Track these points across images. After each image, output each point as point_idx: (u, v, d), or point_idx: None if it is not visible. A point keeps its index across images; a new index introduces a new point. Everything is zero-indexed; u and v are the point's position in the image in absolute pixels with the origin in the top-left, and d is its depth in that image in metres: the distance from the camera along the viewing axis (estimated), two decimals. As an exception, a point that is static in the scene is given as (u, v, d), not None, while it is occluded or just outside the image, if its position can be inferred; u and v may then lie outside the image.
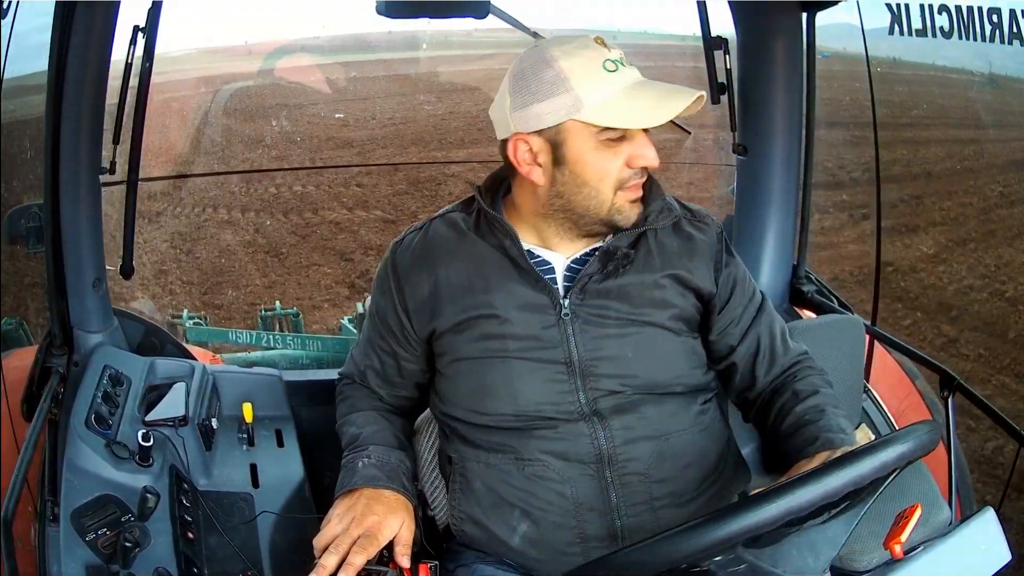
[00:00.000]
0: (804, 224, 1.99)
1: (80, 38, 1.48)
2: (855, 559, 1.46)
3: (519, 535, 1.24)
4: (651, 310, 1.24)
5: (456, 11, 1.77)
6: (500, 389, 1.23)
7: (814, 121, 1.92)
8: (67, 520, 1.29)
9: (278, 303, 5.72)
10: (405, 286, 1.29)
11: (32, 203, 1.67)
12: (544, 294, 1.24)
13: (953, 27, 1.58)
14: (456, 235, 1.29)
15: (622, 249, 1.24)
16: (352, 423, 1.35)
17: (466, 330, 1.25)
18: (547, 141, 1.19)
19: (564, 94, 1.15)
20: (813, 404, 1.26)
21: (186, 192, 8.48)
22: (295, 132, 11.67)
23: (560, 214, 1.24)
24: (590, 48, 1.18)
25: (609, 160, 1.19)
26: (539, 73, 1.17)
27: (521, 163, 1.21)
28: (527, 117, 1.18)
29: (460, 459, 1.29)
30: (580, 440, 1.22)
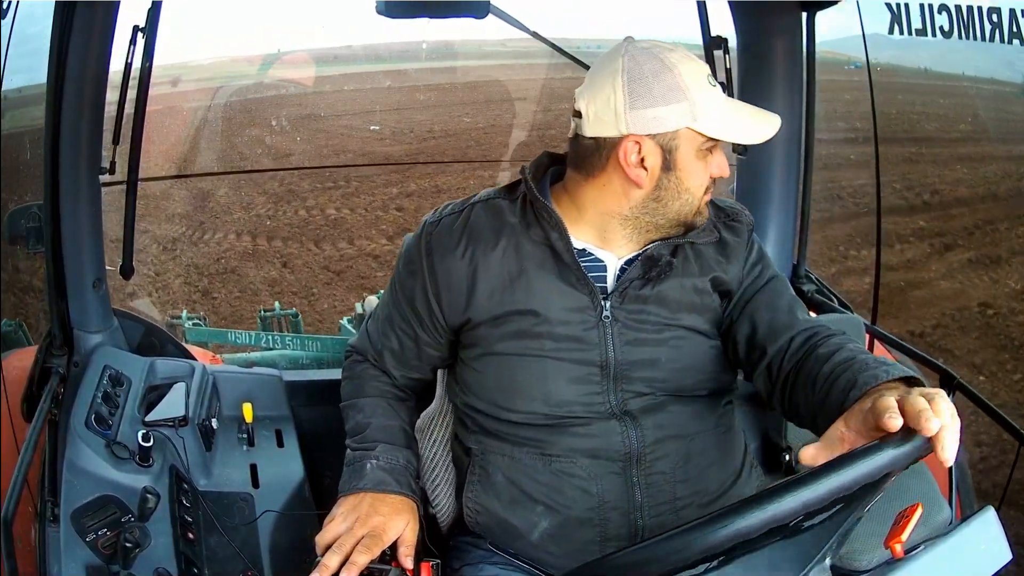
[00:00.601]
0: (804, 224, 2.00)
1: (80, 38, 1.47)
2: (855, 559, 1.46)
3: (539, 530, 1.23)
4: (687, 315, 1.25)
5: (456, 11, 1.76)
6: (532, 388, 1.22)
7: (814, 121, 1.92)
8: (67, 520, 1.28)
9: (277, 304, 5.72)
10: (439, 270, 1.25)
11: (32, 203, 1.67)
12: (586, 294, 1.22)
13: (953, 27, 1.58)
14: (499, 223, 1.25)
15: (665, 257, 1.24)
16: (359, 409, 1.32)
17: (502, 325, 1.23)
18: (659, 145, 1.18)
19: (684, 101, 1.16)
20: (840, 359, 1.16)
21: (207, 215, 8.17)
22: (326, 146, 11.44)
23: (647, 217, 1.23)
24: (692, 59, 1.19)
25: (703, 169, 1.21)
26: (660, 77, 1.16)
27: (629, 164, 1.18)
28: (645, 119, 1.16)
29: (481, 451, 1.28)
30: (612, 438, 1.22)
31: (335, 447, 1.35)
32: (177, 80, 20.12)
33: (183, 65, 16.48)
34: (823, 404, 1.14)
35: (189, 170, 9.88)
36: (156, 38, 1.66)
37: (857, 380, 1.09)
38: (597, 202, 1.23)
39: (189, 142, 10.28)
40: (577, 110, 1.21)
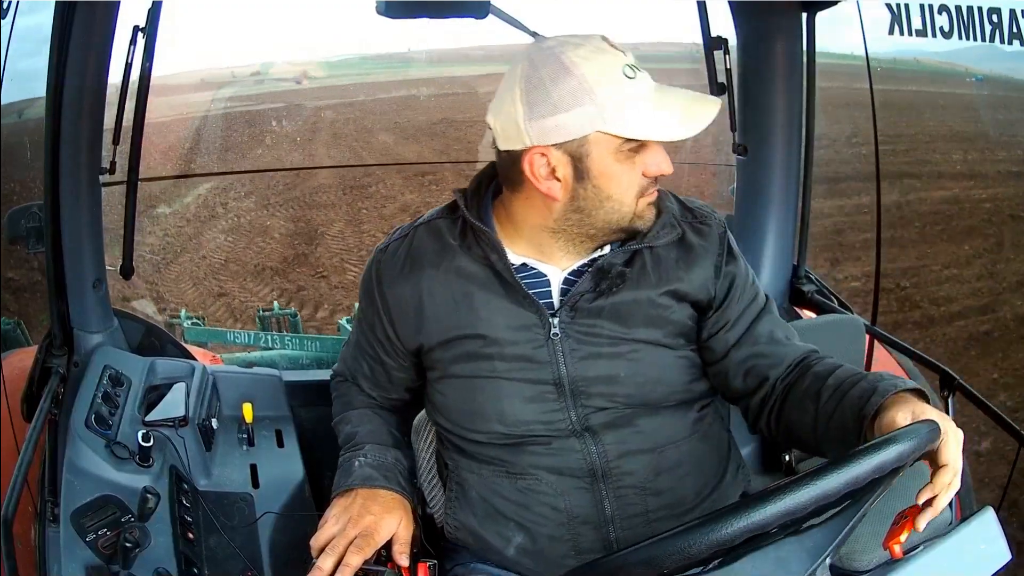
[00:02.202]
0: (804, 224, 2.00)
1: (80, 38, 1.47)
2: (855, 559, 1.46)
3: (514, 546, 1.22)
4: (645, 328, 1.19)
5: (456, 11, 1.76)
6: (488, 409, 1.20)
7: (814, 121, 1.92)
8: (67, 520, 1.28)
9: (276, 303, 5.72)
10: (389, 297, 1.24)
11: (32, 203, 1.67)
12: (532, 312, 1.18)
13: (953, 27, 1.58)
14: (440, 246, 1.22)
15: (616, 267, 1.17)
16: (348, 421, 1.32)
17: (452, 348, 1.21)
18: (568, 154, 1.10)
19: (588, 104, 1.07)
20: (843, 375, 1.15)
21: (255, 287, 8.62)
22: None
23: (574, 228, 1.16)
24: (606, 52, 1.09)
25: (629, 171, 1.12)
26: (559, 81, 1.07)
27: (538, 178, 1.11)
28: (546, 129, 1.08)
29: (455, 467, 1.27)
30: (572, 455, 1.19)
31: (335, 447, 1.35)
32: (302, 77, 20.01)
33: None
34: (831, 416, 1.13)
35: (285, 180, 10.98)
36: (156, 38, 1.66)
37: (877, 387, 1.08)
38: (526, 216, 1.18)
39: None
40: (488, 124, 1.15)
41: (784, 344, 1.25)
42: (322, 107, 17.18)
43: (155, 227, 10.25)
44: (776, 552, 0.89)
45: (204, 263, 9.17)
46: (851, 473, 0.87)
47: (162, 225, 10.50)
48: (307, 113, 17.42)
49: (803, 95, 1.89)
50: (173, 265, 9.12)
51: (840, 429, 1.12)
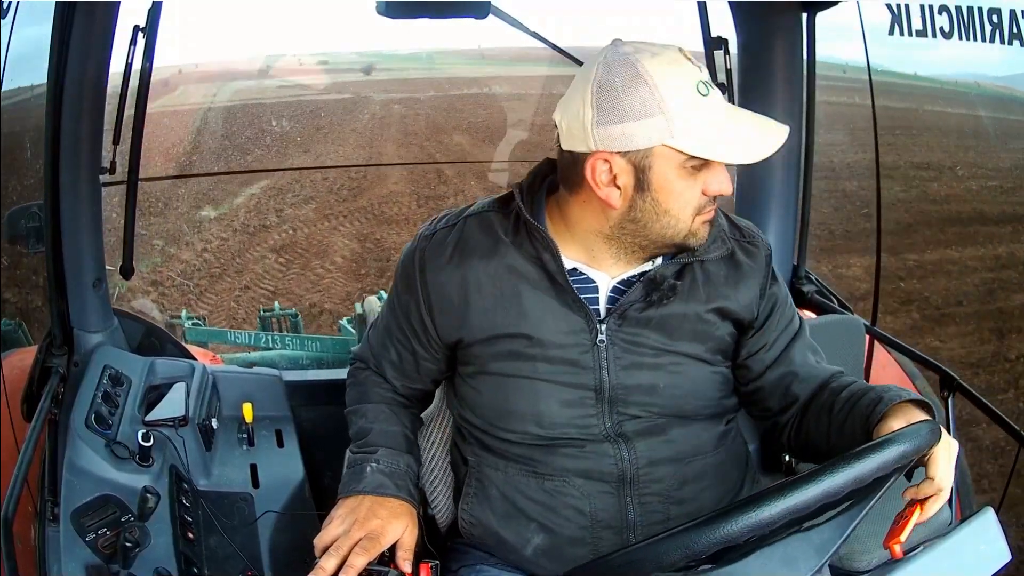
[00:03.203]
0: (804, 224, 2.00)
1: (80, 38, 1.47)
2: (855, 559, 1.47)
3: (532, 546, 1.22)
4: (689, 343, 1.19)
5: (456, 11, 1.77)
6: (525, 410, 1.19)
7: (814, 121, 1.92)
8: (67, 520, 1.28)
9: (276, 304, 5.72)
10: (432, 287, 1.21)
11: (32, 203, 1.67)
12: (581, 317, 1.17)
13: (953, 27, 1.58)
14: (491, 240, 1.19)
15: (668, 279, 1.17)
16: (362, 415, 1.30)
17: (495, 346, 1.19)
18: (631, 163, 1.08)
19: (658, 116, 1.05)
20: (856, 388, 1.18)
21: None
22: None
23: (628, 238, 1.15)
24: (681, 64, 1.08)
25: (689, 188, 1.10)
26: (631, 89, 1.06)
27: (599, 183, 1.10)
28: (613, 136, 1.07)
29: (478, 463, 1.26)
30: (604, 459, 1.19)
31: (335, 447, 1.35)
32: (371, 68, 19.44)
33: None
34: (843, 426, 1.16)
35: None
36: (156, 38, 1.66)
37: (883, 397, 1.11)
38: (581, 219, 1.17)
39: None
40: (555, 121, 1.14)
41: (815, 366, 1.27)
42: (391, 101, 16.72)
43: (195, 236, 8.98)
44: (784, 550, 0.89)
45: (246, 296, 7.50)
46: (855, 471, 0.88)
47: (204, 234, 9.12)
48: (375, 107, 16.90)
49: (803, 95, 1.89)
50: (208, 295, 7.47)
51: (851, 438, 1.13)
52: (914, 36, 1.61)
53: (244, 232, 9.22)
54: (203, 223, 9.43)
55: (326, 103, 17.40)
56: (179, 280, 7.54)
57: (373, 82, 19.91)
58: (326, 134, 14.91)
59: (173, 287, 7.34)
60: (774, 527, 0.85)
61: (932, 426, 0.98)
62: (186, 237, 8.89)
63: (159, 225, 9.21)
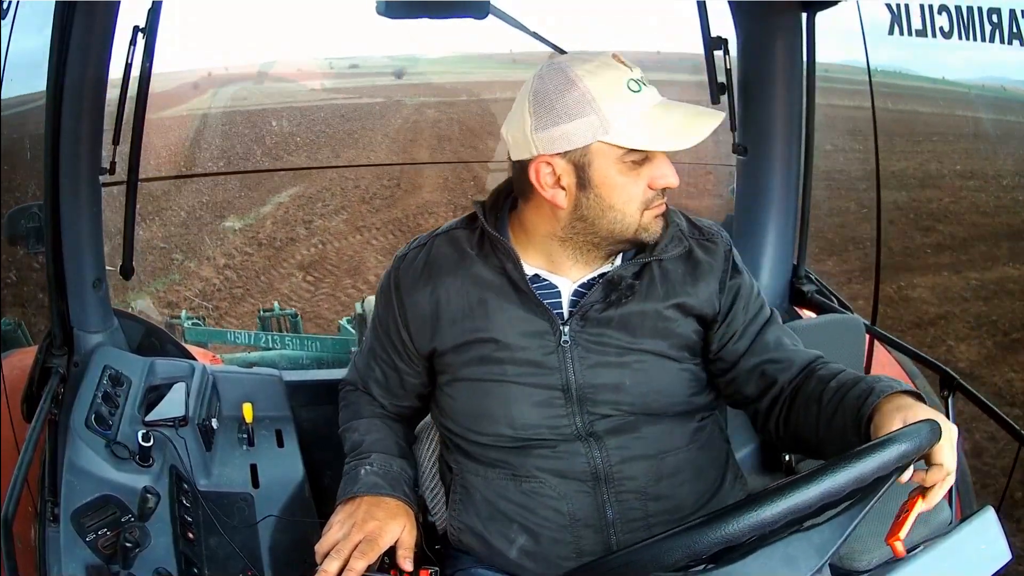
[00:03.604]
0: (804, 224, 2.00)
1: (80, 38, 1.47)
2: (855, 559, 1.47)
3: (517, 548, 1.24)
4: (651, 340, 1.22)
5: (456, 11, 1.77)
6: (497, 412, 1.23)
7: (814, 121, 1.92)
8: (67, 520, 1.29)
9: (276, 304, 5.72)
10: (407, 302, 1.28)
11: (32, 203, 1.67)
12: (544, 320, 1.21)
13: (953, 27, 1.58)
14: (458, 254, 1.26)
15: (626, 279, 1.21)
16: (355, 429, 1.35)
17: (465, 352, 1.24)
18: (571, 163, 1.14)
19: (591, 115, 1.11)
20: (845, 378, 1.19)
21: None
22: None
23: (580, 237, 1.20)
24: (612, 67, 1.14)
25: (632, 183, 1.15)
26: (564, 93, 1.12)
27: (544, 186, 1.16)
28: (551, 138, 1.13)
29: (460, 470, 1.29)
30: (576, 459, 1.21)
31: (335, 447, 1.35)
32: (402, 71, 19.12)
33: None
34: (832, 417, 1.16)
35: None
36: (156, 38, 1.66)
37: (874, 388, 1.12)
38: (537, 225, 1.22)
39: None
40: (503, 136, 1.21)
41: (792, 349, 1.28)
42: (423, 105, 16.56)
43: (217, 249, 8.51)
44: (785, 549, 0.89)
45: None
46: (856, 471, 0.88)
47: (227, 247, 8.60)
48: (407, 111, 16.78)
49: (803, 95, 1.90)
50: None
51: (840, 431, 1.15)
52: (914, 36, 1.61)
53: (270, 246, 8.92)
54: (226, 235, 9.13)
55: (357, 107, 17.30)
56: (197, 302, 7.16)
57: (405, 86, 19.76)
58: (357, 139, 14.80)
59: (191, 309, 6.66)
60: (775, 527, 0.85)
61: (932, 425, 0.98)
62: (207, 251, 8.58)
63: (180, 237, 8.97)
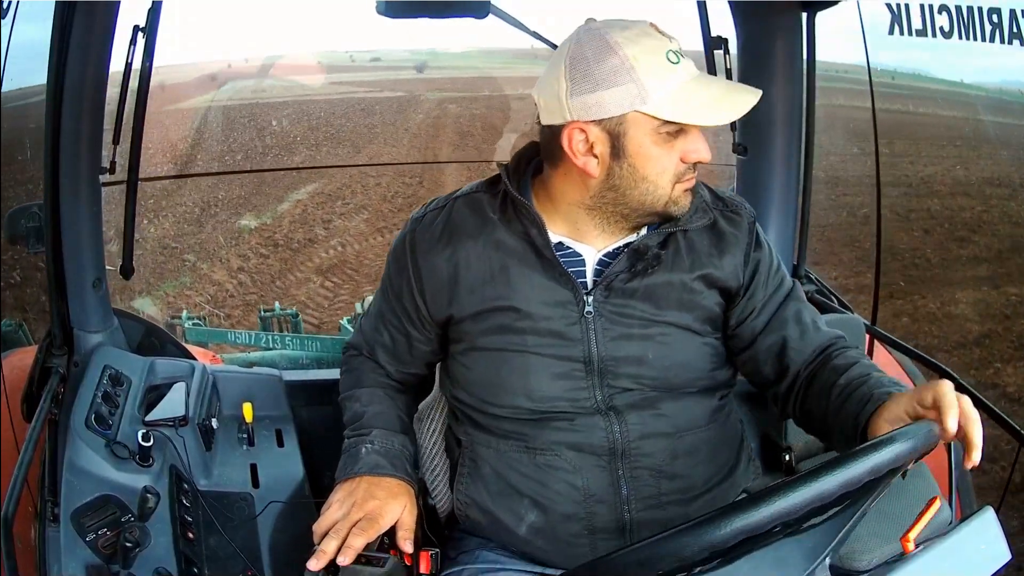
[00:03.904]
0: (804, 224, 1.99)
1: (80, 38, 1.47)
2: (855, 559, 1.46)
3: (526, 524, 1.22)
4: (676, 312, 1.21)
5: (456, 11, 1.77)
6: (515, 383, 1.21)
7: (814, 121, 1.92)
8: (67, 520, 1.28)
9: (277, 304, 5.72)
10: (423, 267, 1.24)
11: (32, 203, 1.67)
12: (567, 289, 1.19)
13: (953, 27, 1.58)
14: (479, 219, 1.23)
15: (652, 249, 1.19)
16: (356, 399, 1.32)
17: (484, 320, 1.21)
18: (606, 131, 1.12)
19: (629, 84, 1.09)
20: (856, 373, 1.17)
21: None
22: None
23: (609, 207, 1.18)
24: (652, 36, 1.12)
25: (666, 155, 1.14)
26: (602, 59, 1.10)
27: (576, 153, 1.14)
28: (587, 105, 1.11)
29: (470, 442, 1.27)
30: (595, 432, 1.20)
31: (335, 447, 1.35)
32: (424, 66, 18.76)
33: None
34: (837, 414, 1.16)
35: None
36: (156, 38, 1.66)
37: (873, 395, 1.11)
38: (564, 193, 1.20)
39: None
40: (534, 99, 1.18)
41: (810, 330, 1.26)
42: (445, 100, 16.24)
43: (231, 251, 8.14)
44: (775, 552, 0.88)
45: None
46: (846, 475, 0.87)
47: (242, 248, 8.28)
48: (429, 106, 16.55)
49: (803, 95, 1.89)
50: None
51: (843, 431, 1.15)
52: (914, 36, 1.61)
53: (287, 248, 8.62)
54: (242, 235, 8.79)
55: (378, 101, 17.13)
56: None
57: (426, 80, 19.56)
58: (378, 133, 14.60)
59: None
60: (764, 530, 0.84)
61: (928, 427, 0.96)
62: (222, 251, 8.27)
63: (193, 235, 8.68)
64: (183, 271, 7.80)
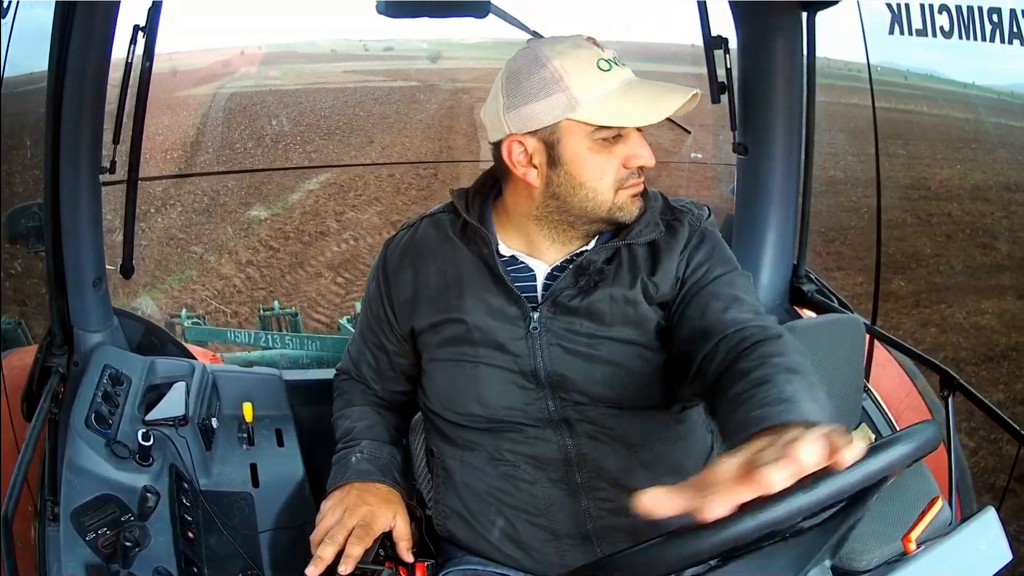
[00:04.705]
0: (804, 224, 1.99)
1: (80, 38, 1.47)
2: (855, 559, 1.46)
3: (497, 529, 1.25)
4: (622, 328, 1.20)
5: (456, 11, 1.77)
6: (469, 392, 1.23)
7: (814, 121, 1.92)
8: (67, 520, 1.29)
9: (276, 303, 5.72)
10: (392, 283, 1.30)
11: (32, 203, 1.67)
12: (515, 305, 1.21)
13: (953, 27, 1.58)
14: (440, 237, 1.28)
15: (596, 264, 1.20)
16: (347, 417, 1.37)
17: (439, 332, 1.25)
18: (541, 141, 1.16)
19: (559, 93, 1.13)
20: (755, 379, 0.99)
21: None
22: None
23: (555, 215, 1.20)
24: (583, 47, 1.15)
25: (604, 161, 1.16)
26: (533, 73, 1.14)
27: (516, 164, 1.18)
28: (521, 117, 1.15)
29: (441, 454, 1.31)
30: (548, 445, 1.21)
31: (335, 446, 1.35)
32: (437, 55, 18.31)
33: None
34: (730, 435, 0.96)
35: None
36: (156, 38, 1.65)
37: (747, 421, 0.92)
38: (514, 205, 1.24)
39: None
40: (482, 119, 1.23)
41: (712, 318, 1.15)
42: (458, 90, 16.21)
43: (240, 242, 7.88)
44: (759, 562, 0.87)
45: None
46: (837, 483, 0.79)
47: (251, 240, 8.07)
48: (443, 96, 16.57)
49: (803, 95, 1.89)
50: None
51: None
52: (914, 35, 1.61)
53: (298, 240, 8.41)
54: (252, 225, 8.57)
55: (392, 90, 17.08)
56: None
57: (440, 70, 19.52)
58: (391, 123, 14.55)
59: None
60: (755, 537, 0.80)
61: (932, 425, 0.93)
62: (231, 243, 8.06)
63: (201, 226, 8.50)
64: (190, 264, 7.60)
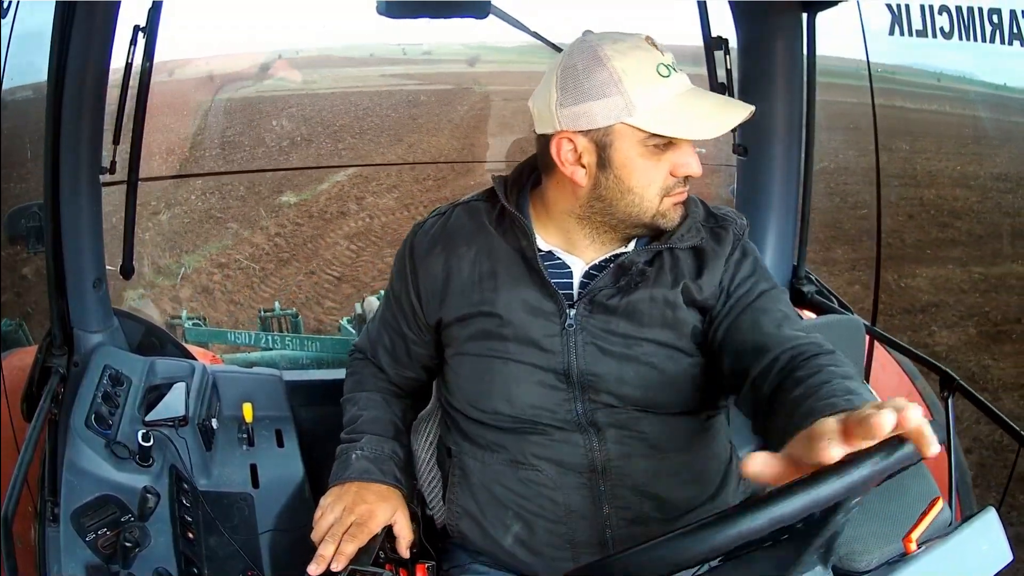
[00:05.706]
0: (804, 224, 1.99)
1: (80, 38, 1.47)
2: (855, 559, 1.46)
3: (511, 535, 1.23)
4: (659, 330, 1.19)
5: (456, 11, 1.77)
6: (497, 389, 1.21)
7: (814, 121, 1.92)
8: (67, 520, 1.29)
9: (277, 303, 5.72)
10: (420, 270, 1.27)
11: (32, 203, 1.67)
12: (551, 301, 1.19)
13: (953, 27, 1.58)
14: (475, 226, 1.25)
15: (638, 265, 1.18)
16: (355, 402, 1.35)
17: (469, 325, 1.23)
18: (593, 142, 1.13)
19: (616, 96, 1.10)
20: (816, 382, 1.01)
21: None
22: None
23: (598, 217, 1.19)
24: (643, 49, 1.13)
25: (654, 168, 1.14)
26: (591, 71, 1.11)
27: (564, 162, 1.15)
28: (575, 115, 1.13)
29: (459, 452, 1.29)
30: (574, 449, 1.19)
31: (335, 447, 1.35)
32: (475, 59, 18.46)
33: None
34: (794, 432, 0.90)
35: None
36: (156, 38, 1.66)
37: (815, 408, 0.94)
38: (556, 201, 1.22)
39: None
40: (530, 108, 1.20)
41: (769, 332, 1.15)
42: (491, 93, 16.34)
43: (271, 220, 9.04)
44: (748, 565, 0.86)
45: (309, 281, 7.47)
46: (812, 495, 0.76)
47: (280, 218, 9.17)
48: (475, 98, 16.70)
49: (803, 95, 1.89)
50: (272, 278, 7.51)
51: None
52: (914, 36, 1.62)
53: (320, 218, 9.36)
54: (281, 208, 9.54)
55: (426, 93, 17.26)
56: (245, 263, 7.70)
57: (476, 74, 19.64)
58: (421, 124, 14.83)
59: (239, 269, 7.59)
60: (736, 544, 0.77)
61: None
62: (262, 221, 9.03)
63: (237, 208, 9.52)
64: (225, 236, 8.67)
